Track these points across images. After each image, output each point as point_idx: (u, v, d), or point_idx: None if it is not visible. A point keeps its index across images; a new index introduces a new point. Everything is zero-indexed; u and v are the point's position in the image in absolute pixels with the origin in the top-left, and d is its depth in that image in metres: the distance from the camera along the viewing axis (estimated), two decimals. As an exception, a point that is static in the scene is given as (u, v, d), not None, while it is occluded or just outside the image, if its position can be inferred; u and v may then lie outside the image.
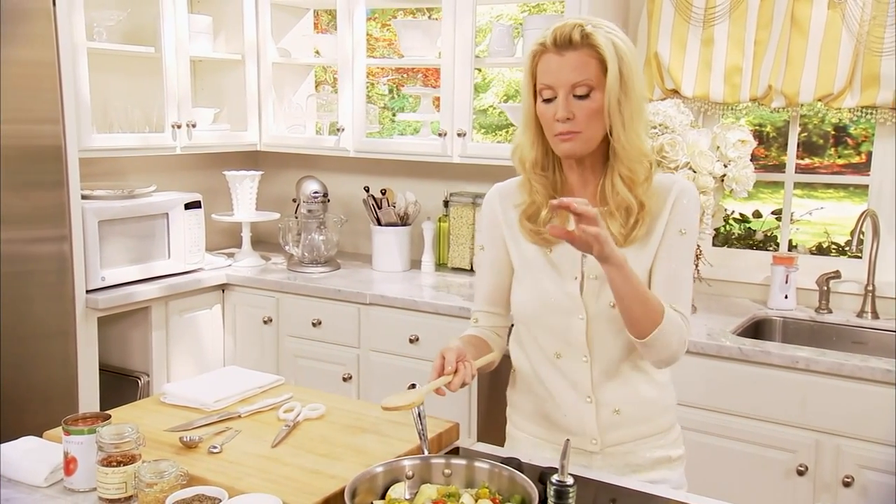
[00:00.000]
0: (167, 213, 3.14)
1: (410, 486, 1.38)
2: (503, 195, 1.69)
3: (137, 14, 3.20)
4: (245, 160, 3.79)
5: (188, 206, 3.22)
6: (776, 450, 2.35)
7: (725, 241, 3.58)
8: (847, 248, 2.69)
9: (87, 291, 2.86)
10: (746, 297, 2.97)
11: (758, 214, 3.62)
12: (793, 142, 2.99)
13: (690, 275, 1.61)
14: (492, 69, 6.51)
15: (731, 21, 2.80)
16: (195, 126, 3.28)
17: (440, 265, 3.43)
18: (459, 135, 3.07)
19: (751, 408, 2.37)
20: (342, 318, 3.07)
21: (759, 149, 4.68)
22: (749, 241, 3.65)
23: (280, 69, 3.63)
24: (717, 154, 2.61)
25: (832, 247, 3.73)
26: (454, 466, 1.40)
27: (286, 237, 3.43)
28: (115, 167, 3.37)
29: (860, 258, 2.84)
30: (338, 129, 3.36)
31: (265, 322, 3.24)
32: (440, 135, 3.12)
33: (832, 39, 2.65)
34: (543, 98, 1.52)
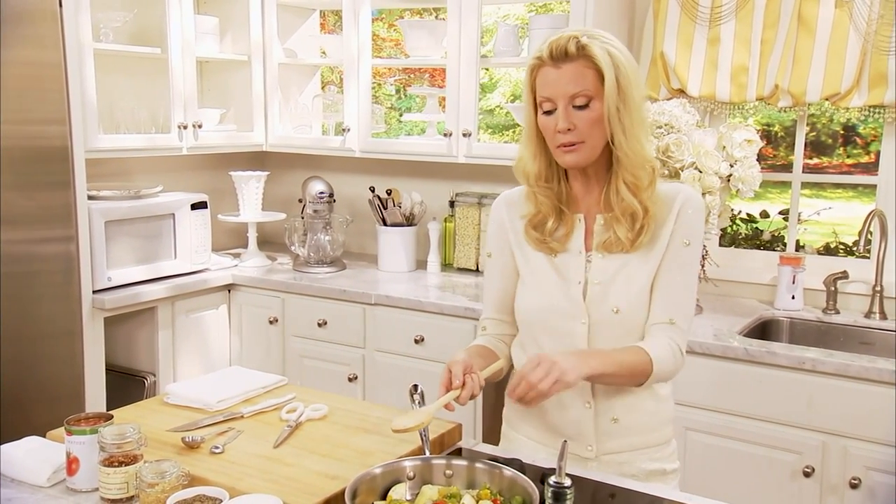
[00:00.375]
0: (173, 214, 3.15)
1: (411, 487, 1.38)
2: (510, 203, 1.71)
3: (144, 15, 3.21)
4: (251, 160, 3.80)
5: (194, 207, 3.23)
6: (782, 451, 2.33)
7: (732, 242, 3.57)
8: (855, 249, 2.67)
9: (94, 292, 2.87)
10: (753, 298, 2.95)
11: (765, 214, 3.60)
12: (800, 141, 2.97)
13: (694, 285, 1.63)
14: (499, 69, 6.50)
15: (738, 20, 2.79)
16: (201, 127, 3.29)
17: (446, 265, 3.42)
18: (465, 135, 3.07)
19: (757, 409, 2.36)
20: (348, 319, 3.07)
21: (768, 148, 4.67)
22: (756, 242, 3.63)
23: (286, 70, 3.64)
24: (724, 154, 2.60)
25: (840, 247, 3.71)
26: (455, 467, 1.40)
27: (292, 237, 3.43)
28: (122, 168, 3.38)
29: (868, 258, 2.82)
30: (343, 130, 3.36)
31: (271, 322, 3.24)
32: (445, 135, 3.12)
33: (839, 38, 2.63)
34: (544, 111, 1.54)
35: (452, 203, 3.42)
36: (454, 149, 3.12)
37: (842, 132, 4.88)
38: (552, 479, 1.00)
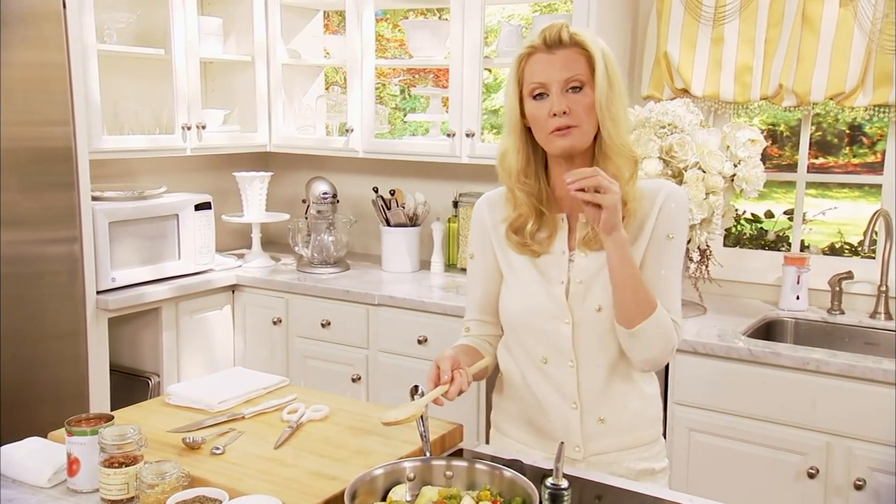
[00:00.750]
0: (177, 215, 3.15)
1: (411, 488, 1.38)
2: (491, 204, 1.71)
3: (147, 16, 3.22)
4: (255, 161, 3.80)
5: (198, 208, 3.23)
6: (787, 452, 2.32)
7: (737, 242, 3.55)
8: (860, 249, 2.65)
9: (98, 292, 2.87)
10: (758, 298, 2.94)
11: (770, 214, 3.59)
12: (805, 141, 2.96)
13: (679, 280, 1.63)
14: (502, 69, 6.48)
15: (742, 19, 2.78)
16: (205, 127, 3.29)
17: (449, 266, 3.42)
18: (468, 135, 3.07)
19: (761, 409, 2.35)
20: (351, 319, 3.07)
21: (773, 148, 4.64)
22: (761, 242, 3.61)
23: (290, 70, 3.64)
24: (727, 154, 2.59)
25: (845, 247, 3.69)
26: (455, 468, 1.40)
27: (296, 238, 3.44)
28: (126, 169, 3.38)
29: (873, 259, 2.81)
30: (347, 130, 3.36)
31: (275, 323, 3.25)
32: (449, 135, 3.12)
33: (844, 37, 2.62)
34: (534, 97, 1.53)
35: (456, 203, 3.41)
36: (457, 149, 3.11)
37: (847, 132, 4.85)
38: (549, 481, 1.00)
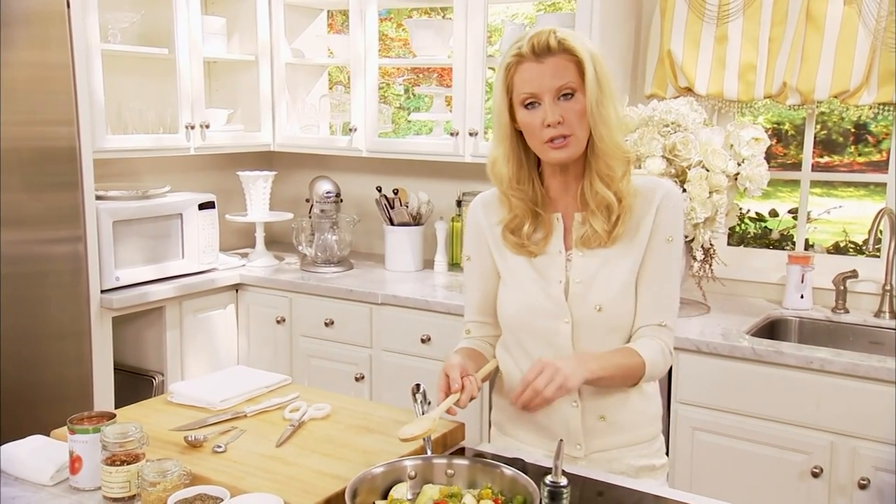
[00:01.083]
0: (181, 214, 3.16)
1: (413, 487, 1.37)
2: (486, 205, 1.70)
3: (151, 16, 3.23)
4: (259, 160, 3.81)
5: (202, 207, 3.23)
6: (791, 451, 2.31)
7: (741, 241, 3.54)
8: (864, 248, 2.64)
9: (102, 291, 2.88)
10: (762, 297, 2.93)
11: (774, 213, 3.58)
12: (809, 140, 2.95)
13: (678, 282, 1.64)
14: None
15: (745, 18, 2.77)
16: (209, 127, 3.30)
17: (453, 265, 3.42)
18: (471, 134, 3.07)
19: (765, 409, 2.34)
20: (354, 318, 3.07)
21: (778, 147, 4.63)
22: (765, 241, 3.60)
23: (293, 70, 3.64)
24: (731, 152, 2.58)
25: (850, 246, 3.68)
26: (456, 467, 1.40)
27: (299, 237, 3.44)
28: (130, 168, 3.39)
29: (878, 257, 2.80)
30: (350, 130, 3.36)
31: (278, 322, 3.25)
32: (452, 134, 3.12)
33: (848, 35, 2.61)
34: (527, 106, 1.52)
35: (459, 202, 3.41)
36: (461, 148, 3.11)
37: (853, 130, 4.84)
38: (548, 479, 1.00)
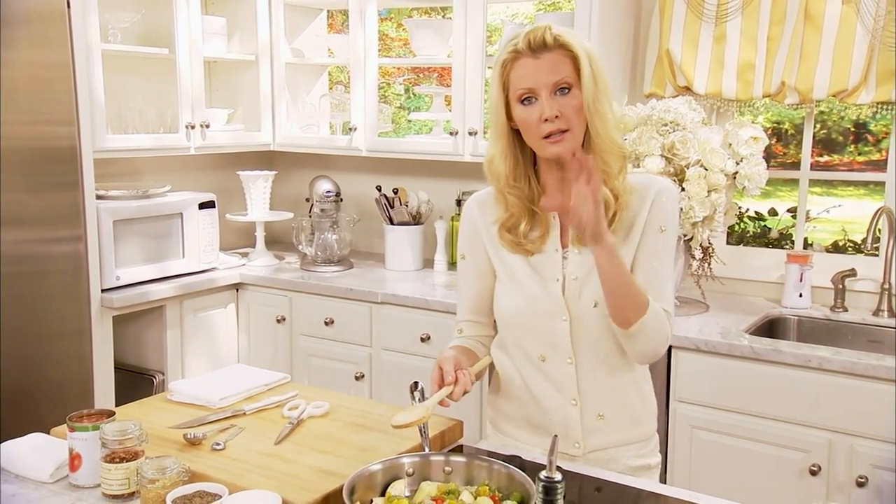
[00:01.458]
0: (181, 213, 3.17)
1: (410, 484, 1.38)
2: (482, 204, 1.70)
3: (151, 16, 3.23)
4: (259, 160, 3.81)
5: (202, 206, 3.24)
6: (789, 449, 2.32)
7: (741, 240, 3.55)
8: (863, 246, 2.65)
9: (103, 291, 2.89)
10: (761, 296, 2.94)
11: (773, 212, 3.58)
12: (808, 139, 2.95)
13: (671, 271, 1.63)
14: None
15: (744, 17, 2.78)
16: (209, 126, 3.30)
17: (453, 264, 3.42)
18: (471, 134, 3.07)
19: (764, 407, 2.35)
20: (354, 317, 3.08)
21: (778, 146, 4.64)
22: (764, 240, 3.61)
23: (293, 69, 3.65)
24: (729, 151, 2.59)
25: (849, 245, 3.69)
26: (454, 464, 1.40)
27: (299, 236, 3.45)
28: (130, 167, 3.40)
29: (877, 256, 2.80)
30: (350, 129, 3.37)
31: (278, 321, 3.26)
32: (452, 134, 3.12)
33: (846, 35, 2.61)
34: (523, 102, 1.52)
35: (459, 202, 3.42)
36: (460, 147, 3.12)
37: (853, 129, 4.84)
38: (542, 474, 1.01)
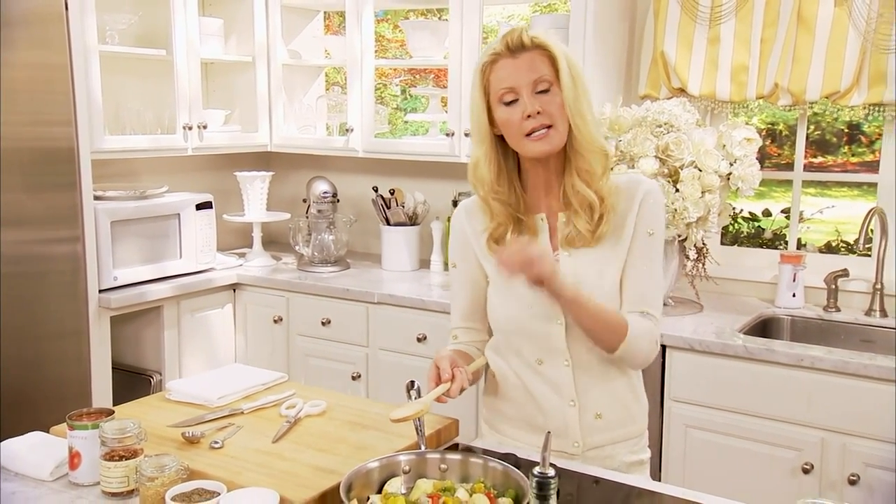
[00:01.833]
0: (179, 214, 3.18)
1: (406, 481, 1.40)
2: (470, 213, 1.71)
3: (149, 17, 3.25)
4: (256, 161, 3.83)
5: (200, 207, 3.25)
6: (782, 448, 2.34)
7: (735, 240, 3.57)
8: (856, 247, 2.67)
9: (100, 291, 2.90)
10: (755, 296, 2.96)
11: (767, 213, 3.61)
12: (801, 140, 2.98)
13: (660, 275, 1.65)
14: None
15: (738, 19, 2.80)
16: (206, 127, 3.32)
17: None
18: (467, 135, 3.09)
19: (757, 406, 2.36)
20: (351, 318, 3.10)
21: (773, 147, 4.66)
22: (759, 240, 3.64)
23: (290, 71, 3.66)
24: (723, 153, 2.61)
25: (841, 245, 3.71)
26: (450, 461, 1.42)
27: (296, 237, 3.46)
28: (128, 168, 3.41)
29: (869, 256, 2.83)
30: (347, 130, 3.39)
31: (275, 321, 3.27)
32: (448, 135, 3.14)
33: (839, 37, 2.64)
34: (505, 102, 1.54)
35: (455, 202, 3.42)
36: (456, 148, 3.14)
37: (846, 131, 4.87)
38: (536, 470, 1.03)
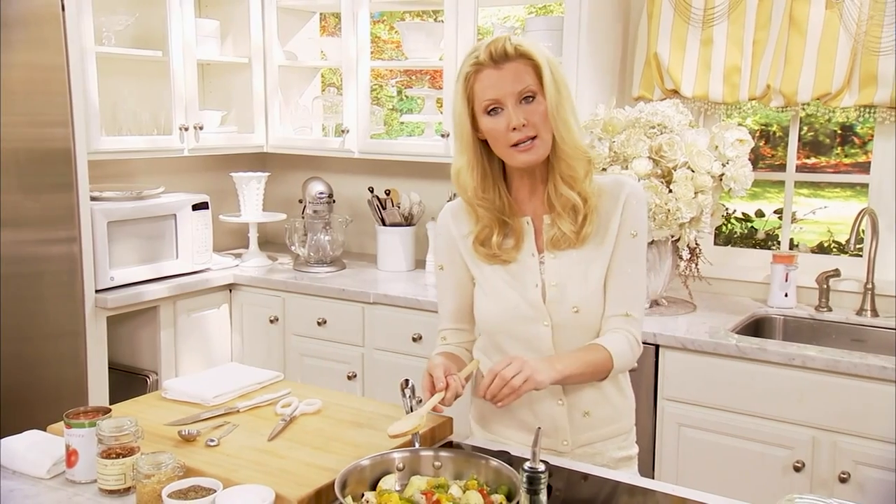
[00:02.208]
0: (175, 214, 3.19)
1: (400, 478, 1.41)
2: (455, 216, 1.71)
3: (145, 18, 3.26)
4: (252, 162, 3.84)
5: (196, 207, 3.27)
6: (774, 446, 2.36)
7: (728, 241, 3.60)
8: (847, 247, 2.70)
9: (97, 291, 2.91)
10: (747, 296, 2.98)
11: (760, 214, 3.63)
12: (793, 141, 3.00)
13: (643, 275, 1.67)
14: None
15: (730, 21, 2.82)
16: (202, 128, 3.33)
17: (444, 265, 3.45)
18: (461, 136, 3.10)
19: (749, 405, 2.39)
20: (347, 318, 3.11)
21: (766, 148, 4.69)
22: (752, 241, 3.66)
23: (286, 72, 3.68)
24: (716, 153, 2.63)
25: (833, 245, 3.74)
26: (443, 459, 1.44)
27: (292, 237, 3.47)
28: (124, 169, 3.42)
29: (860, 257, 2.85)
30: (343, 131, 3.40)
31: (271, 321, 3.29)
32: (443, 136, 3.16)
33: (830, 39, 2.66)
34: (489, 113, 1.54)
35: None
36: (452, 149, 3.14)
37: (839, 132, 4.90)
38: (527, 465, 1.04)
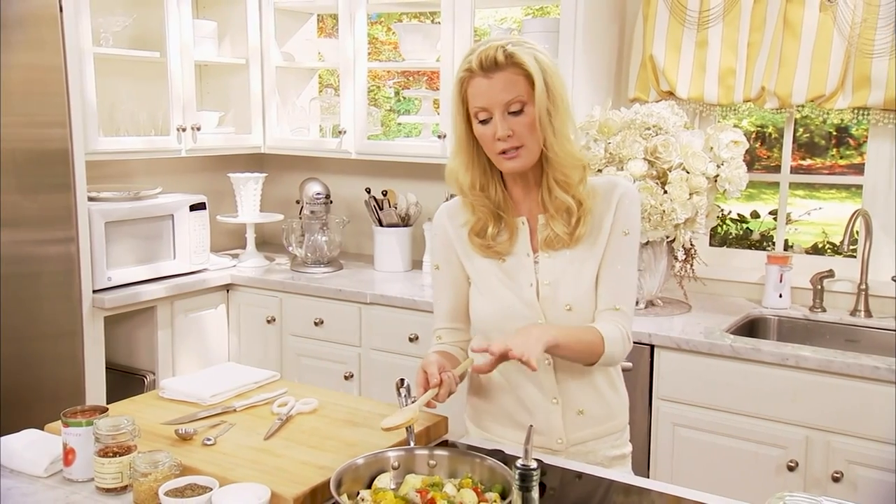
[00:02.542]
0: (172, 215, 3.20)
1: (396, 477, 1.43)
2: (451, 212, 1.74)
3: (143, 19, 3.27)
4: (249, 162, 3.85)
5: (193, 208, 3.28)
6: (767, 446, 2.38)
7: (723, 241, 3.61)
8: (841, 248, 2.72)
9: (94, 291, 2.92)
10: (742, 297, 3.00)
11: (755, 215, 3.65)
12: (788, 142, 3.02)
13: (635, 273, 1.69)
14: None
15: (725, 23, 2.84)
16: (200, 129, 3.34)
17: (441, 265, 3.46)
18: (458, 137, 3.11)
19: (743, 404, 2.40)
20: (344, 318, 3.12)
21: (762, 150, 4.71)
22: (747, 242, 3.68)
23: (284, 73, 3.69)
24: (711, 155, 2.64)
25: (828, 246, 3.76)
26: (438, 457, 1.45)
27: (290, 238, 3.48)
28: (122, 170, 3.43)
29: (854, 258, 2.87)
30: (340, 132, 3.41)
31: (269, 321, 3.30)
32: (440, 137, 3.17)
33: (824, 41, 2.68)
34: (479, 120, 1.57)
35: (447, 204, 3.46)
36: (448, 150, 3.15)
37: (834, 133, 4.93)
38: (519, 462, 1.06)
